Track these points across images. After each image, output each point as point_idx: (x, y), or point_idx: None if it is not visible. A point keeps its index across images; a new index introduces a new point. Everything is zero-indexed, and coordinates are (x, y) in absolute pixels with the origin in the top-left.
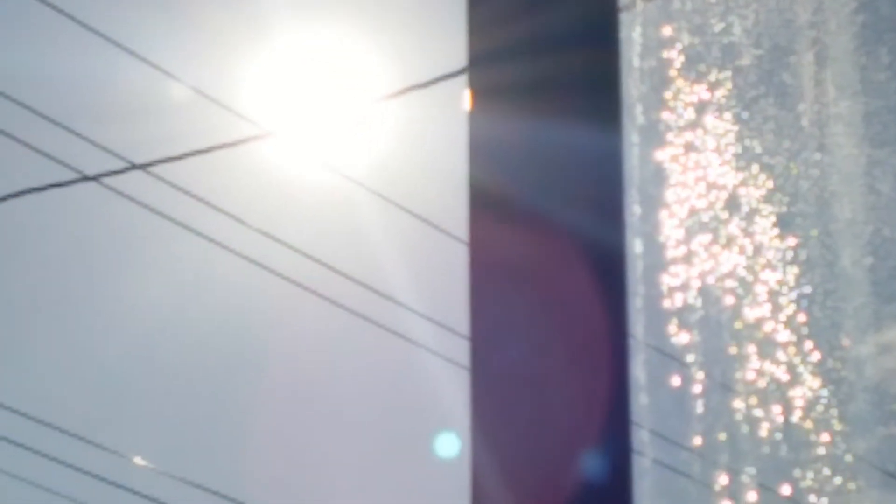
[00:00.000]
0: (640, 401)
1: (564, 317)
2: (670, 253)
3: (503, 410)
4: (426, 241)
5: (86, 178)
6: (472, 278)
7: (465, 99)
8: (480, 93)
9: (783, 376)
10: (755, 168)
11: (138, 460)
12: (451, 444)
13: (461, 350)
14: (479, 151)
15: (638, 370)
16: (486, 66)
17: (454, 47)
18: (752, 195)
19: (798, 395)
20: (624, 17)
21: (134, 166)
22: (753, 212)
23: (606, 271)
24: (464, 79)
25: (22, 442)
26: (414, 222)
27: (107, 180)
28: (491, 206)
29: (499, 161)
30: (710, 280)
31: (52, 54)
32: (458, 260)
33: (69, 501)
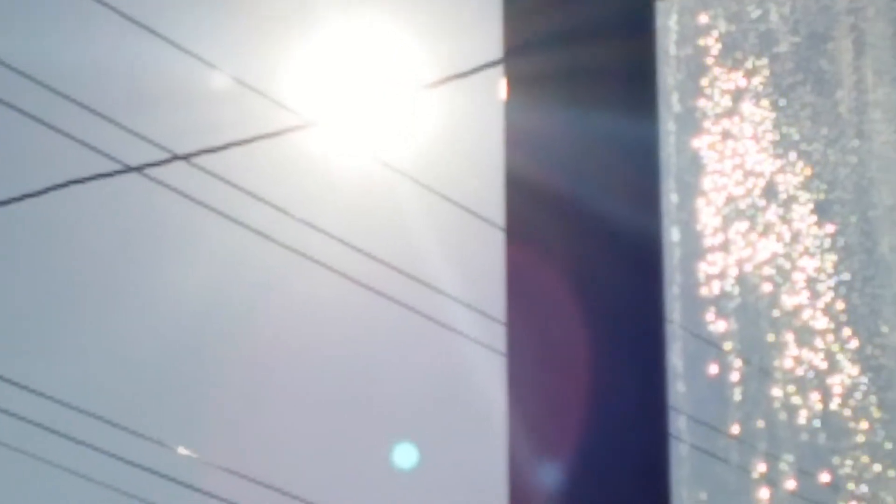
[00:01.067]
0: (678, 388)
1: (601, 303)
2: (707, 241)
3: (539, 395)
4: (465, 227)
5: (130, 169)
6: (509, 264)
7: (502, 88)
8: (517, 82)
9: (822, 364)
10: (793, 155)
11: (182, 450)
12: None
13: (498, 335)
14: (516, 139)
15: (676, 358)
16: (522, 55)
17: (491, 38)
18: (789, 182)
19: (837, 382)
20: (660, 6)
21: (176, 157)
22: (791, 199)
23: (643, 259)
24: (500, 69)
25: (67, 433)
26: (453, 209)
27: (150, 171)
28: (528, 193)
29: (535, 149)
30: (748, 268)
31: (96, 46)
32: (495, 246)
33: (115, 492)
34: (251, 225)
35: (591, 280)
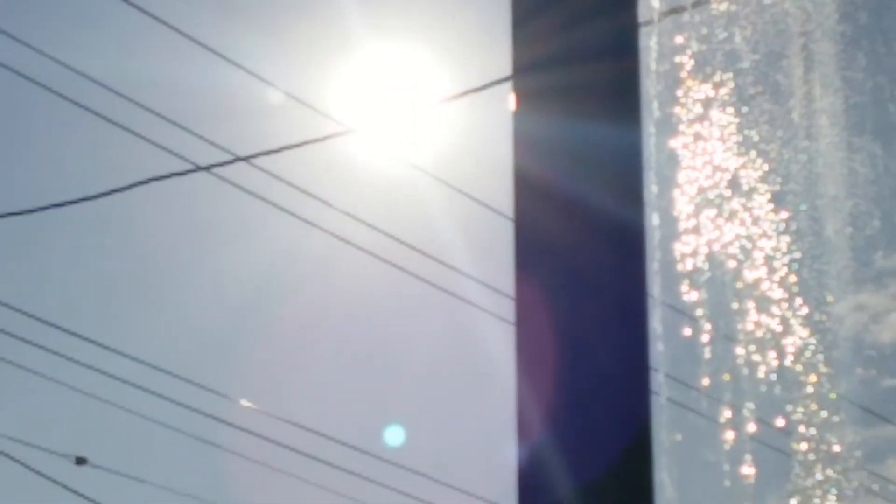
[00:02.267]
0: (658, 348)
1: (593, 278)
2: (682, 225)
3: (542, 357)
4: (479, 218)
5: (199, 169)
6: (518, 249)
7: (511, 101)
8: (523, 96)
9: (777, 327)
10: (753, 153)
11: (243, 401)
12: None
13: (508, 308)
14: (523, 145)
15: (655, 323)
16: (528, 74)
17: (502, 59)
18: (750, 176)
19: (790, 343)
20: (642, 30)
21: (239, 158)
22: (752, 190)
23: (629, 240)
24: (510, 85)
25: (151, 388)
26: (469, 203)
27: (217, 170)
28: (533, 189)
29: (539, 152)
30: (716, 247)
31: (173, 66)
32: (506, 233)
33: (189, 437)
34: (300, 215)
35: (585, 259)
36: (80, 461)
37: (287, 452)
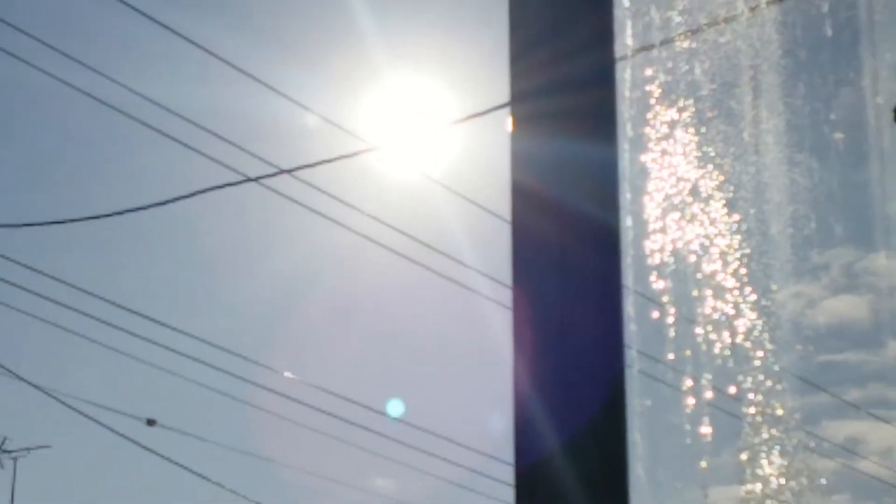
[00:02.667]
0: (631, 328)
1: (577, 271)
2: (651, 226)
3: (535, 337)
4: (482, 221)
5: (249, 179)
6: (514, 246)
7: (509, 123)
8: (519, 119)
9: (730, 311)
10: (710, 166)
11: (286, 373)
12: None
13: (506, 295)
14: (519, 160)
15: (629, 307)
16: (523, 100)
17: (501, 87)
18: (708, 185)
19: (741, 324)
20: (618, 65)
21: (283, 171)
22: (709, 197)
23: (606, 239)
24: (508, 109)
25: (210, 362)
26: (473, 208)
27: (264, 181)
28: (527, 196)
29: (533, 166)
30: (679, 244)
31: (226, 94)
32: (505, 234)
33: (242, 403)
34: (333, 218)
35: (570, 255)
36: (151, 422)
37: (321, 415)
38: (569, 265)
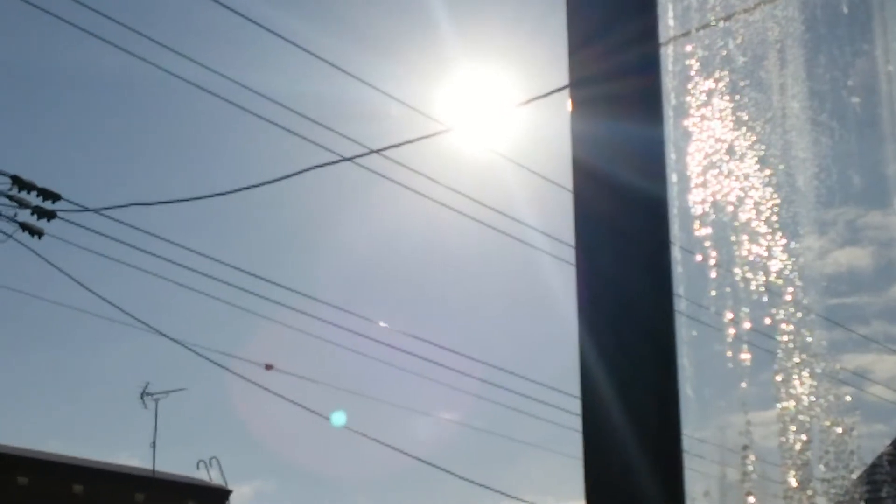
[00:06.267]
0: (678, 270)
1: (630, 233)
2: (693, 181)
3: (596, 292)
4: (547, 191)
5: (345, 159)
6: (576, 213)
7: (569, 105)
8: (578, 102)
9: (764, 253)
10: (743, 129)
11: (382, 323)
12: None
13: (570, 255)
14: (578, 138)
15: (675, 252)
16: (581, 85)
17: (562, 73)
18: (742, 145)
19: (773, 265)
20: (663, 49)
21: (373, 151)
22: (743, 155)
23: (654, 206)
24: (567, 93)
25: (317, 315)
26: (540, 180)
27: (358, 160)
28: (587, 170)
29: (591, 143)
30: (718, 197)
31: (325, 84)
32: (568, 203)
33: (342, 348)
34: (417, 189)
35: (623, 219)
36: (268, 367)
37: (411, 357)
38: (622, 228)
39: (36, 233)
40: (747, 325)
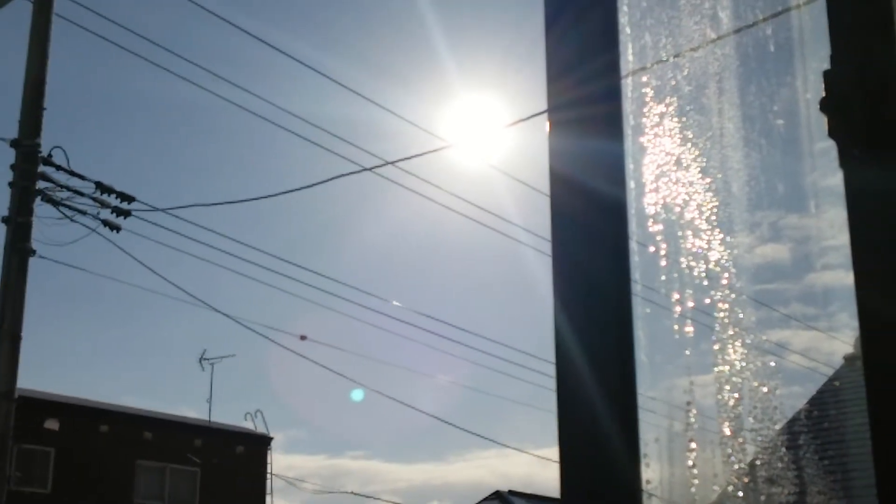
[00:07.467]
0: (634, 259)
1: (596, 229)
2: (647, 187)
3: (569, 277)
4: (529, 196)
5: (365, 169)
6: (553, 214)
7: (547, 125)
8: (555, 123)
9: (704, 245)
10: (688, 144)
11: (395, 302)
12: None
13: (549, 248)
14: (556, 153)
15: (633, 245)
16: (558, 109)
17: (542, 99)
18: (687, 157)
19: (711, 255)
20: (624, 80)
21: (388, 162)
22: (688, 165)
23: (616, 208)
24: (545, 116)
25: (341, 295)
26: (524, 188)
27: (376, 170)
28: (562, 178)
29: (565, 157)
30: (668, 199)
31: (347, 106)
32: (546, 206)
33: (364, 323)
34: (425, 194)
35: (591, 218)
36: (303, 338)
37: (419, 330)
38: (590, 225)
39: (115, 228)
40: (690, 304)
